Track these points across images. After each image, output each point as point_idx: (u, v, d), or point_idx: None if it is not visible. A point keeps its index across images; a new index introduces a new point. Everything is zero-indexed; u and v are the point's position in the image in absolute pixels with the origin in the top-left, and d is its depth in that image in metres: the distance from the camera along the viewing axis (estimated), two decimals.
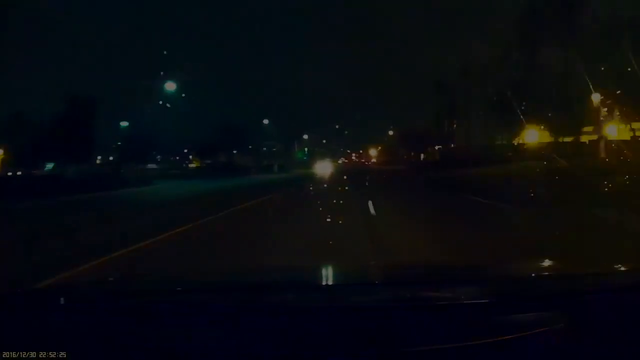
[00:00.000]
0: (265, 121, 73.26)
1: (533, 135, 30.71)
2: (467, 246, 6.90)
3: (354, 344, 1.36)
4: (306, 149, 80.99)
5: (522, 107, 29.79)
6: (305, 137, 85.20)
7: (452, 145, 55.87)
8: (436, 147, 59.55)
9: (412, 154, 69.47)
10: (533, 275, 1.97)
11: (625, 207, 9.56)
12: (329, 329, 1.41)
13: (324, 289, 1.84)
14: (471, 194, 15.52)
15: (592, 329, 1.44)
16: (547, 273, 2.05)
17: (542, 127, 32.31)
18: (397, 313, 1.49)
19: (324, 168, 47.31)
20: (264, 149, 76.22)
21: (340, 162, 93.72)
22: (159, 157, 67.91)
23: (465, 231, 8.46)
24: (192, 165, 71.36)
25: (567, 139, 32.16)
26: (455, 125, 54.00)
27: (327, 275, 2.19)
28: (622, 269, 1.79)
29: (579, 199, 11.70)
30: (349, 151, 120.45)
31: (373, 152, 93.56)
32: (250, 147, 72.03)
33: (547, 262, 2.26)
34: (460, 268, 2.49)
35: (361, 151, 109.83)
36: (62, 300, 1.70)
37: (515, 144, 37.53)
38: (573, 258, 4.29)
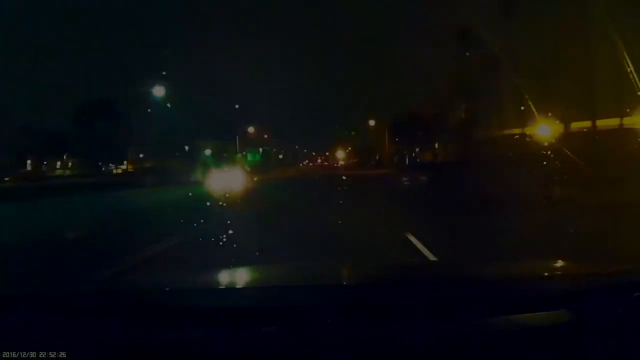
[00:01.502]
0: (159, 91, 35.51)
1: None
2: None
3: (353, 345, 1.36)
4: (260, 149, 58.12)
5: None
6: (251, 130, 58.67)
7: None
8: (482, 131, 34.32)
9: (405, 152, 55.64)
10: (534, 275, 1.98)
11: None
12: (329, 329, 1.41)
13: (323, 289, 1.82)
14: None
15: (594, 329, 1.44)
16: (548, 273, 2.06)
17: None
18: (398, 313, 1.49)
19: (226, 182, 20.33)
20: (204, 150, 48.57)
21: (301, 165, 77.89)
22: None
23: None
24: (118, 171, 46.31)
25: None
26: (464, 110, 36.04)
27: (326, 275, 2.19)
28: (623, 269, 1.81)
29: None
30: (314, 153, 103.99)
31: (341, 154, 77.43)
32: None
33: (548, 262, 2.27)
34: (461, 268, 2.49)
35: (327, 153, 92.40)
36: (61, 301, 1.69)
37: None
38: (574, 258, 4.30)
